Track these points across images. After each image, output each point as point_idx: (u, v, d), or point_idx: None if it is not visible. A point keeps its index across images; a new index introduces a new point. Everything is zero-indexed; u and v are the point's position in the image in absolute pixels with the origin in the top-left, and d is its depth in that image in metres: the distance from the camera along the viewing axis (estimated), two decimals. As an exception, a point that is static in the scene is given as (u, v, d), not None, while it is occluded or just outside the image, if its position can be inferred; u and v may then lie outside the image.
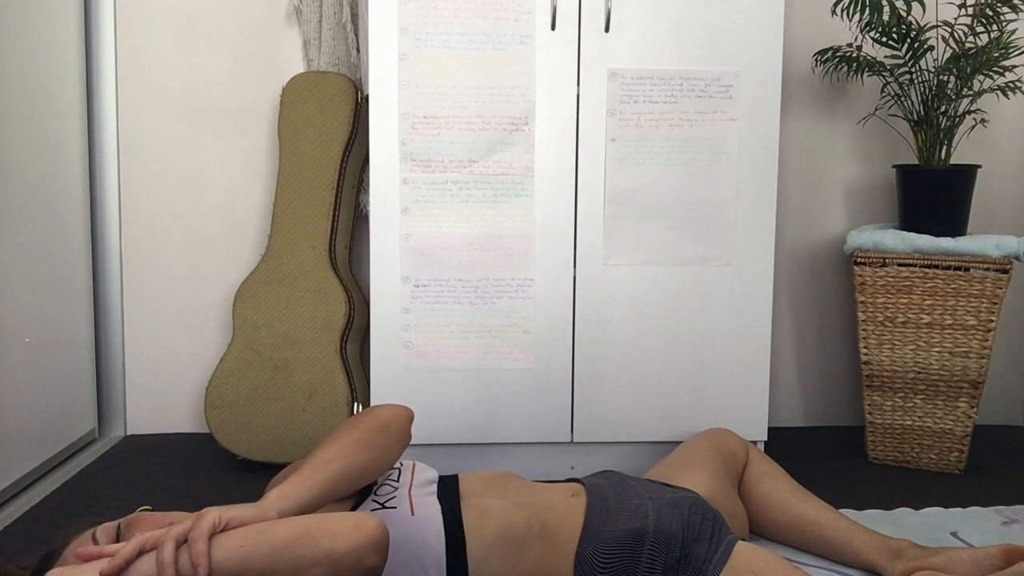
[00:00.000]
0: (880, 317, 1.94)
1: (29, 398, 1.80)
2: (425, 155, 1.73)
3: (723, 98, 1.78)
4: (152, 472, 1.89)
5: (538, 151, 1.75)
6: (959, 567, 1.29)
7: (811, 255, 2.28)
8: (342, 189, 2.02)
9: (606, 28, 1.74)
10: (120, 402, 2.17)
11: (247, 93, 2.15)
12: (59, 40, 1.94)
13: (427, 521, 1.11)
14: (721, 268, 1.81)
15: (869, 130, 2.24)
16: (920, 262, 1.89)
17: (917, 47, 1.90)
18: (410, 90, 1.72)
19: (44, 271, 1.87)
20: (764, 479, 1.52)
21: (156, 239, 2.16)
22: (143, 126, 2.13)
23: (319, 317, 1.93)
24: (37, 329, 1.83)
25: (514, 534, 1.13)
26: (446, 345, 1.77)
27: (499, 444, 1.82)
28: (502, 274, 1.77)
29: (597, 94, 1.75)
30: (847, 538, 1.41)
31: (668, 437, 1.83)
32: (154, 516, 1.04)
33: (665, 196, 1.78)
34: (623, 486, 1.28)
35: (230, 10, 2.13)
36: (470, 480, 1.25)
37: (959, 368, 1.90)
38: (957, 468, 1.93)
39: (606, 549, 1.16)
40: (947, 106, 1.93)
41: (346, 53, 2.09)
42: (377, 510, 1.12)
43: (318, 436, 1.87)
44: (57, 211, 1.94)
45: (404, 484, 1.19)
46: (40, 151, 1.85)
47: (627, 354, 1.81)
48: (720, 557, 1.18)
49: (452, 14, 1.71)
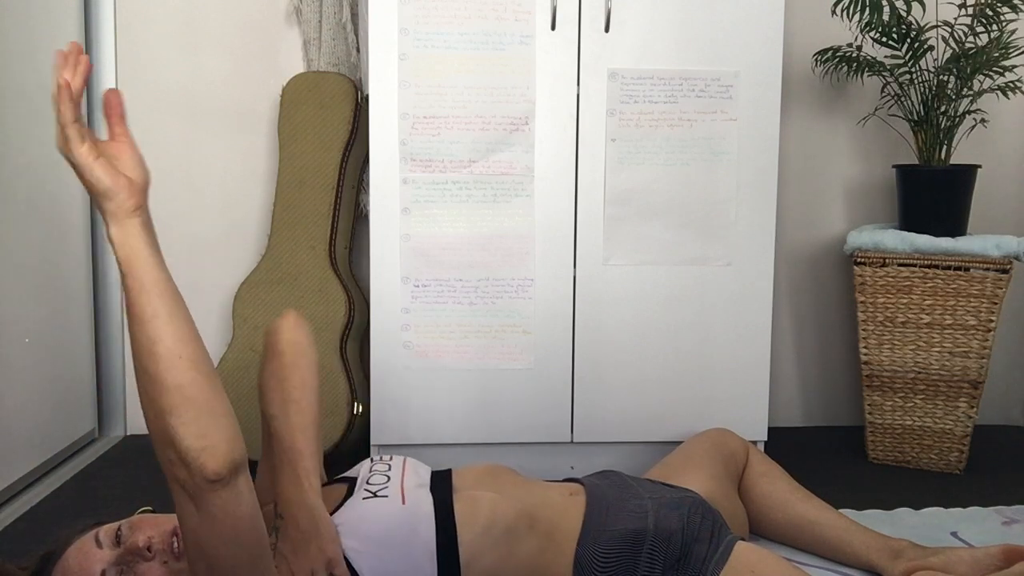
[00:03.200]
0: (880, 317, 1.94)
1: (29, 398, 1.79)
2: (425, 155, 1.73)
3: (723, 98, 1.78)
4: (152, 472, 1.89)
5: (538, 151, 1.75)
6: (959, 567, 1.29)
7: (811, 255, 2.28)
8: (342, 189, 2.02)
9: (606, 28, 1.74)
10: (120, 402, 2.17)
11: (247, 93, 2.15)
12: (59, 40, 1.94)
13: (418, 511, 1.11)
14: (721, 268, 1.81)
15: (869, 130, 2.24)
16: (920, 262, 1.89)
17: (917, 47, 1.90)
18: (410, 90, 1.72)
19: (44, 272, 1.87)
20: (764, 479, 1.52)
21: (156, 239, 2.15)
22: (143, 126, 2.13)
23: (319, 317, 1.93)
24: (37, 329, 1.83)
25: (505, 524, 1.13)
26: (446, 345, 1.77)
27: (499, 444, 1.82)
28: (502, 274, 1.77)
29: (597, 94, 1.75)
30: (847, 538, 1.41)
31: (668, 437, 1.83)
32: (155, 517, 1.04)
33: (665, 196, 1.78)
34: (623, 486, 1.28)
35: (230, 10, 2.13)
36: (463, 474, 1.25)
37: (959, 368, 1.90)
38: (957, 468, 1.94)
39: (605, 549, 1.16)
40: (947, 106, 1.93)
41: (346, 53, 2.09)
42: (369, 498, 1.12)
43: (318, 436, 1.87)
44: (57, 211, 1.94)
45: (396, 475, 1.19)
46: (40, 151, 1.85)
47: (627, 354, 1.81)
48: (720, 557, 1.19)
49: (452, 14, 1.71)
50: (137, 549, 0.98)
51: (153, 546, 0.98)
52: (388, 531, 1.08)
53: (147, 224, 0.86)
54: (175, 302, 0.85)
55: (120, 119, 0.89)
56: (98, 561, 0.98)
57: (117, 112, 0.88)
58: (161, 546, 0.99)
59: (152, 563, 0.98)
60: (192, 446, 0.82)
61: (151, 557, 0.98)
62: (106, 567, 0.97)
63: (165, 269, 0.86)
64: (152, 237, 0.86)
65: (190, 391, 0.83)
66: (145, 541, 0.98)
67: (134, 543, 0.98)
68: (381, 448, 1.79)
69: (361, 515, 1.10)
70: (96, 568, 0.97)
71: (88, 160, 0.83)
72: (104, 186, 0.84)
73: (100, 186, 0.84)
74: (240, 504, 0.87)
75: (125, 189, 0.84)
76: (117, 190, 0.84)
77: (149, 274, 0.84)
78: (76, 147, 0.83)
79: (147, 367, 0.83)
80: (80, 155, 0.83)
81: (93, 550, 0.98)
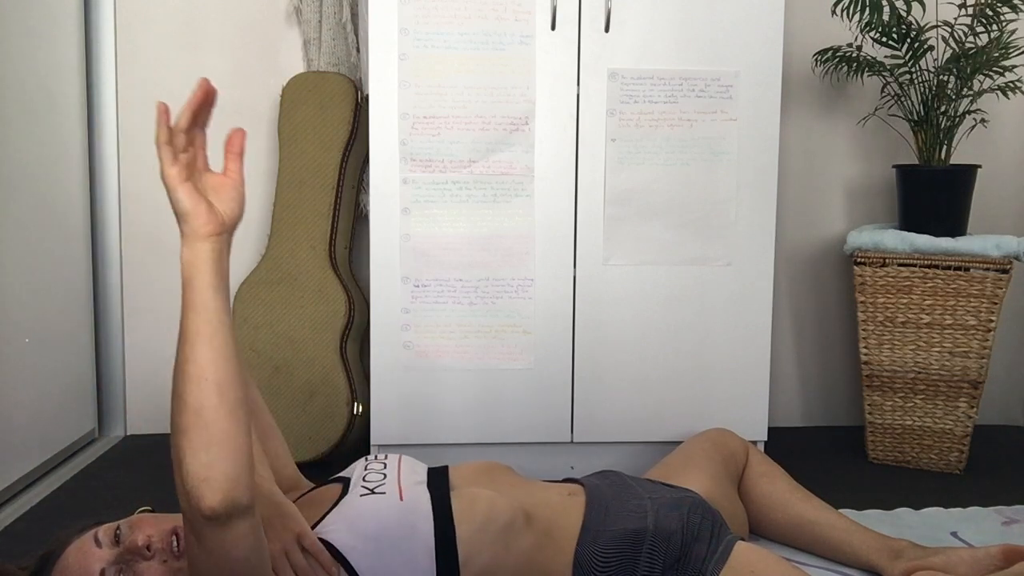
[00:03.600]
0: (880, 317, 1.94)
1: (29, 398, 1.80)
2: (425, 155, 1.73)
3: (723, 98, 1.77)
4: (152, 472, 1.89)
5: (538, 151, 1.75)
6: (959, 567, 1.29)
7: (811, 255, 2.28)
8: (342, 189, 2.02)
9: (606, 28, 1.74)
10: (120, 402, 2.17)
11: (247, 93, 2.15)
12: (59, 40, 1.94)
13: (416, 507, 1.11)
14: (721, 268, 1.81)
15: (869, 130, 2.24)
16: (920, 262, 1.89)
17: (917, 47, 1.90)
18: (410, 90, 1.72)
19: (44, 271, 1.87)
20: (764, 479, 1.52)
21: (156, 239, 2.16)
22: (143, 126, 2.13)
23: (319, 317, 1.93)
24: (37, 329, 1.83)
25: (502, 521, 1.13)
26: (446, 345, 1.77)
27: (499, 444, 1.82)
28: (502, 274, 1.77)
29: (597, 94, 1.75)
30: (847, 538, 1.41)
31: (668, 437, 1.83)
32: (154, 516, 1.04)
33: (665, 196, 1.78)
34: (623, 486, 1.28)
35: (230, 10, 2.13)
36: (460, 471, 1.25)
37: (959, 368, 1.90)
38: (957, 468, 1.93)
39: (605, 549, 1.16)
40: (947, 106, 1.93)
41: (346, 53, 2.09)
42: (366, 495, 1.12)
43: (318, 436, 1.87)
44: (57, 211, 1.94)
45: (392, 473, 1.19)
46: (40, 151, 1.85)
47: (627, 354, 1.81)
48: (719, 557, 1.19)
49: (452, 14, 1.71)
50: (136, 548, 0.98)
51: (152, 545, 0.98)
52: (386, 528, 1.07)
53: (218, 252, 0.89)
54: (221, 329, 0.87)
55: (235, 157, 0.93)
56: (97, 560, 0.97)
57: (234, 151, 0.93)
58: (160, 545, 0.99)
59: (151, 562, 0.97)
60: (194, 473, 0.82)
61: (150, 556, 0.97)
62: (105, 566, 0.97)
63: (222, 298, 0.88)
64: (220, 266, 0.89)
65: (208, 416, 0.83)
66: (144, 540, 0.98)
67: (133, 542, 0.98)
68: (381, 448, 1.79)
69: (359, 512, 1.10)
70: (95, 567, 0.97)
71: (174, 182, 0.87)
72: (183, 208, 0.87)
73: (179, 207, 0.88)
74: (236, 547, 0.86)
75: (203, 216, 0.88)
76: (195, 215, 0.87)
77: (201, 295, 0.87)
78: (165, 168, 0.87)
79: (175, 384, 0.84)
80: (167, 176, 0.87)
81: (92, 549, 0.98)
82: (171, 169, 0.87)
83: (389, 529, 1.07)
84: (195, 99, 0.89)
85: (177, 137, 0.88)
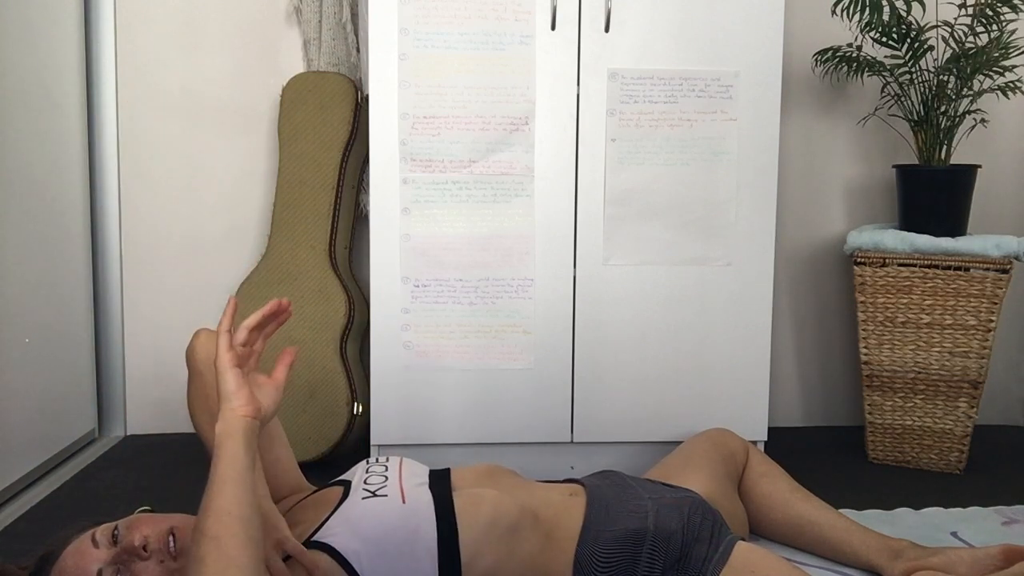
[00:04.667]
0: (880, 317, 1.94)
1: (29, 398, 1.80)
2: (425, 155, 1.73)
3: (723, 98, 1.77)
4: (152, 472, 1.89)
5: (538, 151, 1.75)
6: (959, 567, 1.29)
7: (811, 255, 2.28)
8: (342, 189, 2.02)
9: (606, 28, 1.74)
10: (120, 402, 2.17)
11: (247, 93, 2.15)
12: (59, 40, 1.94)
13: (418, 508, 1.11)
14: (721, 268, 1.81)
15: (869, 130, 2.24)
16: (920, 262, 1.89)
17: (917, 47, 1.90)
18: (410, 90, 1.72)
19: (44, 271, 1.87)
20: (764, 479, 1.52)
21: (156, 239, 2.16)
22: (143, 126, 2.13)
23: (319, 317, 1.93)
24: (37, 329, 1.83)
25: (507, 522, 1.13)
26: (446, 345, 1.77)
27: (499, 444, 1.82)
28: (502, 274, 1.77)
29: (597, 94, 1.75)
30: (847, 538, 1.41)
31: (668, 437, 1.83)
32: (153, 517, 1.04)
33: (665, 196, 1.78)
34: (623, 486, 1.28)
35: (230, 10, 2.13)
36: (462, 473, 1.25)
37: (959, 368, 1.90)
38: (957, 468, 1.93)
39: (606, 549, 1.16)
40: (947, 106, 1.93)
41: (346, 53, 2.09)
42: (368, 498, 1.12)
43: (318, 436, 1.87)
44: (57, 211, 1.94)
45: (394, 475, 1.19)
46: (40, 151, 1.85)
47: (627, 354, 1.81)
48: (720, 557, 1.18)
49: (452, 14, 1.71)
50: (133, 548, 0.98)
51: (149, 545, 0.98)
52: (389, 530, 1.07)
53: (250, 431, 0.97)
54: (246, 477, 0.94)
55: (284, 367, 1.06)
56: (94, 560, 0.97)
57: (284, 362, 1.07)
58: (157, 545, 0.99)
59: (148, 562, 0.97)
60: None
61: (147, 556, 0.97)
62: (102, 566, 0.97)
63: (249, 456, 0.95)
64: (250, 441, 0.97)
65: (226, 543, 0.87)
66: (141, 540, 0.98)
67: (130, 542, 0.98)
68: (381, 448, 1.79)
69: (361, 514, 1.09)
70: (92, 567, 0.97)
71: (225, 366, 0.98)
72: (227, 389, 0.98)
73: (225, 388, 0.98)
74: None
75: (244, 399, 0.98)
76: (237, 398, 0.97)
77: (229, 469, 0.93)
78: (222, 352, 0.99)
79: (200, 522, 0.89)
80: (221, 359, 0.99)
81: (90, 550, 0.98)
82: (227, 354, 0.98)
83: (391, 531, 1.07)
84: (268, 309, 1.03)
85: (240, 332, 1.01)
